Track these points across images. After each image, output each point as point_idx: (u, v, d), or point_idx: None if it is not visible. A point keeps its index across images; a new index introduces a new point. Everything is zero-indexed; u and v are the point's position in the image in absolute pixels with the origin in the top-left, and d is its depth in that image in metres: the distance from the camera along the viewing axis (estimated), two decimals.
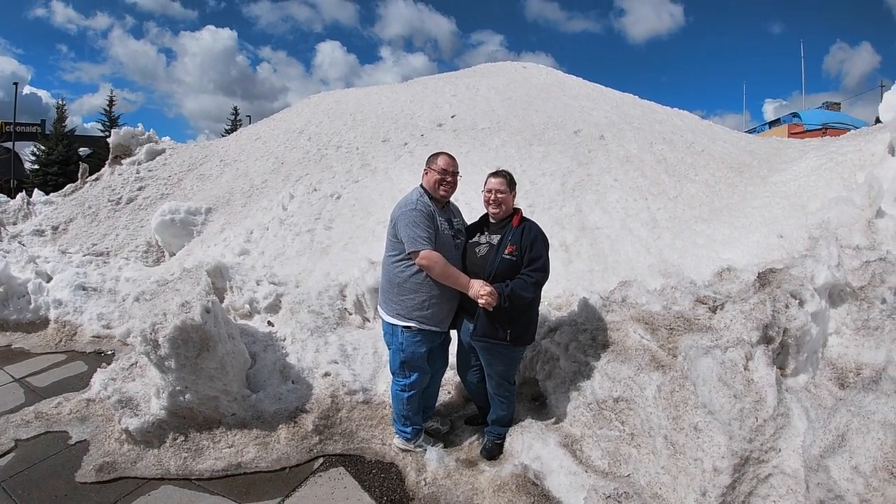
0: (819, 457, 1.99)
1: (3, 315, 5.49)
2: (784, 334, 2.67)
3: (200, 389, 3.06)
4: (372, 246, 5.10)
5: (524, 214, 2.81)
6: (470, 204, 4.32)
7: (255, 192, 8.13)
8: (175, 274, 5.02)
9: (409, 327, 2.75)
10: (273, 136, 10.49)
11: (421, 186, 2.84)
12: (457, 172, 2.86)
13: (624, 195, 5.41)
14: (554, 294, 4.01)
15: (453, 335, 3.03)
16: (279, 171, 8.58)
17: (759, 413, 2.29)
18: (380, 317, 2.95)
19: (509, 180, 2.76)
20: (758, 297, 2.81)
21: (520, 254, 2.62)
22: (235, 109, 37.72)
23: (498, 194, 2.72)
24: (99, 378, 3.68)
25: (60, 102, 29.94)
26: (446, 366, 3.16)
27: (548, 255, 2.68)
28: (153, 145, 10.60)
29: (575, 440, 2.78)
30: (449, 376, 3.41)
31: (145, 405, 3.20)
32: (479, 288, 2.54)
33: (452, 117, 8.83)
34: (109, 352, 4.95)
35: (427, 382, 2.97)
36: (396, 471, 2.91)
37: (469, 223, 3.02)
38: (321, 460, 3.03)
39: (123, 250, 7.68)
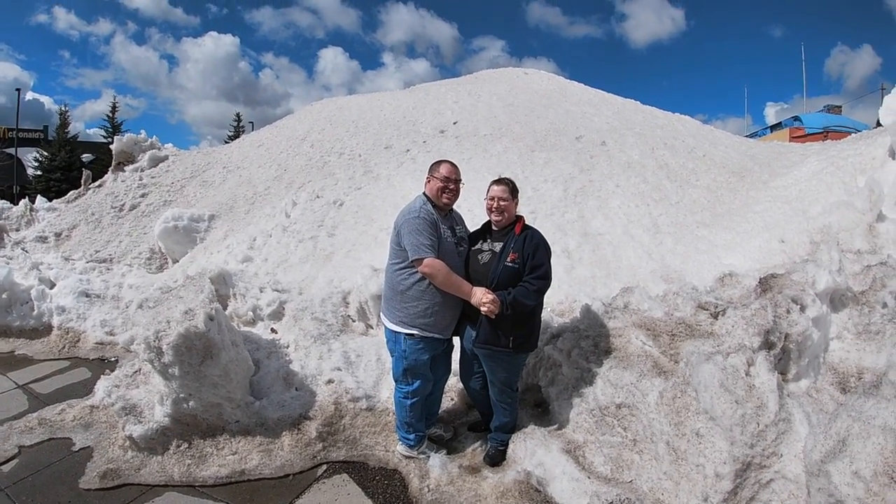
0: (820, 462, 2.00)
1: (7, 321, 5.51)
2: (785, 339, 2.68)
3: (204, 396, 3.07)
4: (375, 253, 5.12)
5: (527, 221, 2.83)
6: (472, 210, 4.34)
7: (259, 199, 8.16)
8: (178, 281, 5.05)
9: (412, 335, 2.75)
10: (276, 143, 10.54)
11: (424, 194, 2.86)
12: (459, 180, 2.88)
13: (626, 201, 5.44)
14: (556, 300, 4.02)
15: (456, 342, 3.04)
16: (282, 178, 8.62)
17: (761, 418, 2.30)
18: (383, 324, 2.96)
19: (512, 188, 2.78)
20: (759, 303, 2.82)
21: (522, 261, 2.63)
22: (238, 116, 37.94)
23: (500, 202, 2.74)
24: (102, 385, 3.69)
25: (63, 108, 30.06)
26: (449, 373, 3.16)
27: (550, 263, 2.70)
28: (156, 152, 10.66)
29: (578, 446, 2.78)
30: (452, 383, 3.41)
31: (149, 412, 3.20)
32: (482, 296, 2.56)
33: (454, 124, 8.87)
34: (113, 358, 4.96)
35: (430, 389, 2.98)
36: (400, 477, 2.91)
37: (472, 230, 3.03)
38: (325, 467, 3.03)
39: (126, 257, 7.72)
